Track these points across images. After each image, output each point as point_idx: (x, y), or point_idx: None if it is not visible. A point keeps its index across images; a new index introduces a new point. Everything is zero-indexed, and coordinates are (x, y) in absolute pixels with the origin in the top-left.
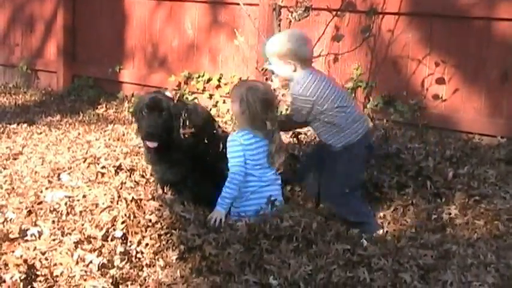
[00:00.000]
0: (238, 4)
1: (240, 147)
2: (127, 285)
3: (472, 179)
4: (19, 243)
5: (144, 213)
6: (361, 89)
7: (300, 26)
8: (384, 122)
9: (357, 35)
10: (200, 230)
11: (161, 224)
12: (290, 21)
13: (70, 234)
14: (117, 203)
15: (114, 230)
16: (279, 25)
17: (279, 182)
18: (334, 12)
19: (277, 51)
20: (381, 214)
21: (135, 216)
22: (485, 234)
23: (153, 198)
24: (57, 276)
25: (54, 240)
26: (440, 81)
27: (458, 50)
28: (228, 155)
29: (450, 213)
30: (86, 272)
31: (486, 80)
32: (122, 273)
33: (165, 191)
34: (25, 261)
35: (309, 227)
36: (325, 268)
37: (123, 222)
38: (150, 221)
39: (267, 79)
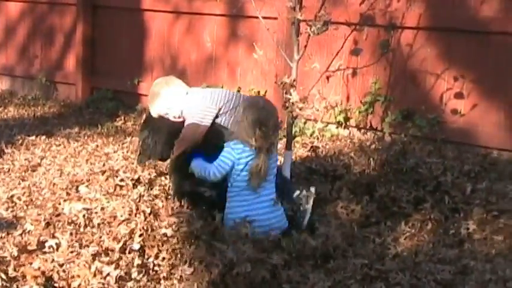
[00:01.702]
0: (257, 18)
1: (232, 157)
2: None
3: (490, 194)
4: (37, 255)
5: (161, 227)
6: (380, 103)
7: (318, 39)
8: (402, 137)
9: (376, 49)
10: (217, 245)
11: (177, 238)
12: (309, 35)
13: (88, 246)
14: (135, 216)
15: (132, 242)
16: (298, 39)
17: (278, 207)
18: (352, 27)
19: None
20: (399, 229)
21: (152, 229)
22: (504, 249)
23: (171, 212)
24: None
25: (72, 252)
26: (459, 95)
27: (477, 64)
28: (220, 156)
29: (468, 229)
30: (103, 284)
31: (505, 95)
32: (139, 286)
33: (182, 203)
34: (43, 273)
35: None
36: (343, 283)
37: (140, 235)
38: (166, 235)
39: (286, 92)
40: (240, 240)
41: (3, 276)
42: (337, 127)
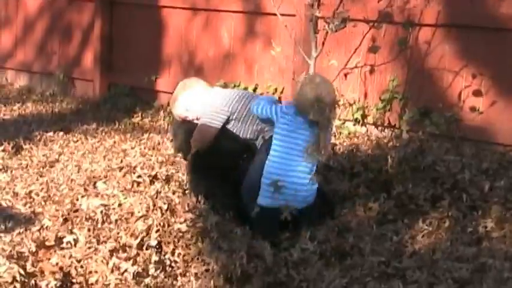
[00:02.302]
0: (275, 14)
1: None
2: None
3: (509, 192)
4: (55, 251)
5: (177, 223)
6: (397, 100)
7: (336, 37)
8: (420, 134)
9: (394, 46)
10: (231, 242)
11: (192, 234)
12: (327, 32)
13: (105, 242)
14: (152, 212)
15: (149, 239)
16: (316, 36)
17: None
18: (371, 24)
19: None
20: (416, 226)
21: (169, 225)
22: None
23: (187, 208)
24: (92, 284)
25: (89, 248)
26: (477, 93)
27: (496, 62)
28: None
29: (486, 227)
30: (120, 280)
31: None
32: (157, 282)
33: (199, 199)
34: (61, 268)
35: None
36: (360, 280)
37: (157, 231)
38: (181, 230)
39: None
40: (256, 237)
41: (22, 272)
42: (354, 124)
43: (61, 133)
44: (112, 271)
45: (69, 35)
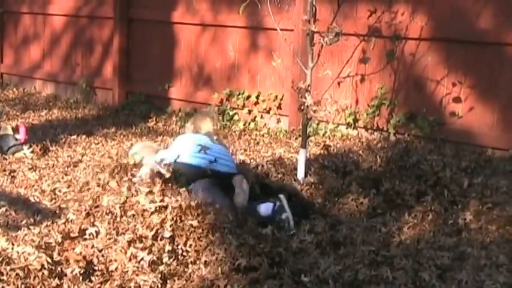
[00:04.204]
0: (275, 29)
1: None
2: (174, 280)
3: (485, 188)
4: (79, 242)
5: (188, 218)
6: (385, 106)
7: (330, 49)
8: (406, 136)
9: (382, 57)
10: (238, 232)
11: (202, 228)
12: (322, 45)
13: (124, 234)
14: (166, 208)
15: (163, 231)
16: (312, 49)
17: None
18: (361, 38)
19: None
20: (402, 219)
21: (181, 220)
22: (498, 238)
23: (198, 205)
24: (112, 271)
25: (109, 239)
26: (456, 100)
27: (473, 72)
28: None
29: (465, 219)
30: (137, 267)
31: (498, 99)
32: (170, 269)
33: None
34: (84, 257)
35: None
36: (352, 267)
37: (170, 225)
38: (192, 225)
39: (301, 97)
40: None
41: (49, 260)
42: (347, 128)
43: (84, 136)
44: (130, 259)
45: (91, 49)
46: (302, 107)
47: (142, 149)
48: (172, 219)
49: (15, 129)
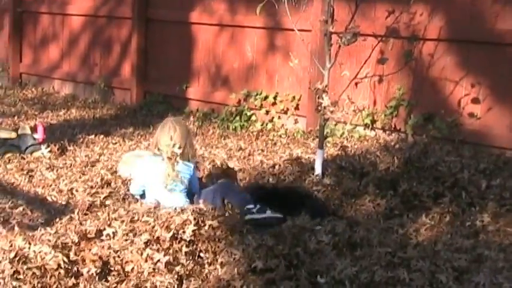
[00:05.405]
0: (293, 30)
1: None
2: (190, 281)
3: (504, 190)
4: (95, 242)
5: (208, 219)
6: (403, 107)
7: (348, 49)
8: (424, 138)
9: (400, 58)
10: (255, 235)
11: (222, 229)
12: (339, 46)
13: (141, 235)
14: (185, 210)
15: (183, 233)
16: (329, 49)
17: None
18: (379, 38)
19: None
20: (420, 221)
21: (203, 221)
22: None
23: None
24: (128, 272)
25: (126, 240)
26: (475, 101)
27: (492, 73)
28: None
29: (483, 221)
30: (153, 269)
31: None
32: (186, 270)
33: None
34: (100, 258)
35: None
36: (369, 269)
37: (192, 226)
38: (212, 226)
39: (318, 97)
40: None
41: (65, 260)
42: (364, 129)
43: (101, 136)
44: (146, 260)
45: (109, 49)
46: (319, 108)
47: (129, 159)
48: (195, 219)
49: (34, 129)
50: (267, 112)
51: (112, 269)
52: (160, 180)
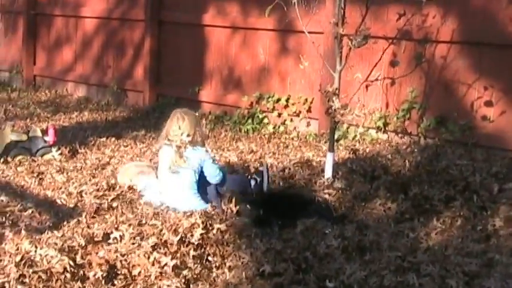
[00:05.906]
0: (304, 32)
1: None
2: (197, 285)
3: None
4: (102, 246)
5: (216, 222)
6: (416, 110)
7: (359, 52)
8: (436, 141)
9: (412, 61)
10: (266, 242)
11: (230, 233)
12: (350, 48)
13: (148, 238)
14: (194, 213)
15: (191, 236)
16: (340, 51)
17: None
18: (390, 40)
19: None
20: (430, 224)
21: (211, 225)
22: None
23: (226, 211)
24: (135, 275)
25: (133, 243)
26: (488, 103)
27: (506, 75)
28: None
29: (494, 225)
30: (161, 272)
31: None
32: (194, 274)
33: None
34: (107, 261)
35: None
36: (378, 273)
37: (200, 230)
38: (220, 229)
39: (328, 100)
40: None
41: (72, 263)
42: (377, 132)
43: (113, 139)
44: (153, 264)
45: (122, 51)
46: (329, 111)
47: (127, 170)
48: (203, 222)
49: (44, 131)
50: (279, 115)
51: (119, 272)
52: (166, 166)
